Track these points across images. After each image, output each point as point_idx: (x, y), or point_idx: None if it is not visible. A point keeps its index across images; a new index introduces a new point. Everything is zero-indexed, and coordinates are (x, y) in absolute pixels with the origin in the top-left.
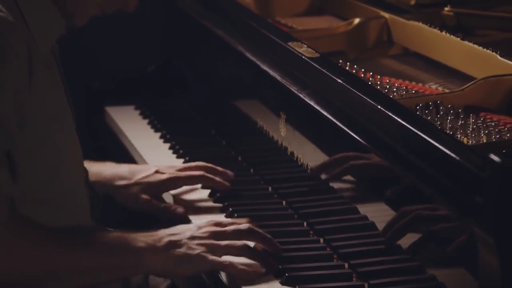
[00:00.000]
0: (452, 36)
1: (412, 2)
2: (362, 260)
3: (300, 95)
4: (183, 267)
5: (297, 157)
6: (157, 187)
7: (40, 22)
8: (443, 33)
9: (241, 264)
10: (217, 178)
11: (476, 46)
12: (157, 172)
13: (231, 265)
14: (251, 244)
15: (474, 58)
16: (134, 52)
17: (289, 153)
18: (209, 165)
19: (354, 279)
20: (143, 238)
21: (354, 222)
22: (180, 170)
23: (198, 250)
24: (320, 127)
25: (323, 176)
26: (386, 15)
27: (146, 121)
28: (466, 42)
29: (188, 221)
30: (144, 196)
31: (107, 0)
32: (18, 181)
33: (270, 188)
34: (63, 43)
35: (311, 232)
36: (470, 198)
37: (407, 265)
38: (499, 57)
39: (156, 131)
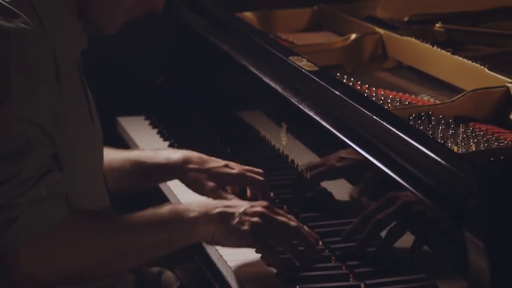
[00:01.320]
0: (443, 50)
1: (405, 19)
2: (358, 261)
3: (300, 106)
4: (231, 240)
5: (297, 165)
6: (225, 180)
7: (63, 36)
8: (435, 48)
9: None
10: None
11: (465, 60)
12: (226, 166)
13: (271, 254)
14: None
15: (464, 72)
16: (144, 65)
17: (289, 161)
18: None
19: (351, 279)
20: (196, 208)
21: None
22: (246, 170)
23: (247, 227)
24: (319, 137)
25: (314, 174)
26: (381, 31)
27: (155, 130)
28: (456, 57)
29: None
30: (211, 184)
31: (136, 4)
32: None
33: (272, 194)
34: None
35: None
36: (460, 204)
37: (400, 266)
38: (487, 70)
39: (164, 140)
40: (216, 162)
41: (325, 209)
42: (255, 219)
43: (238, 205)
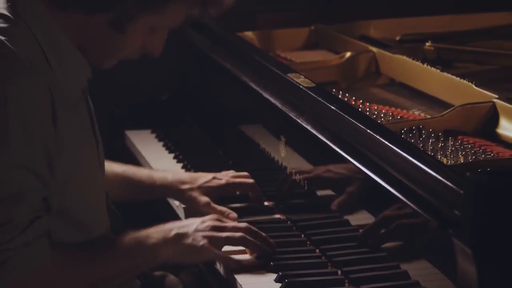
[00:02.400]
0: (432, 68)
1: (397, 38)
2: (353, 267)
3: (298, 120)
4: (191, 256)
5: (295, 176)
6: (216, 191)
7: (67, 69)
8: (425, 65)
9: (235, 256)
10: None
11: (454, 77)
12: (214, 178)
13: (228, 258)
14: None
15: (452, 88)
16: (150, 82)
17: (288, 172)
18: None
19: (346, 284)
20: (154, 234)
21: (346, 234)
22: (233, 176)
23: (202, 241)
24: (316, 149)
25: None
26: (374, 49)
27: (161, 143)
28: (445, 74)
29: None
30: (205, 199)
31: (130, 53)
32: (52, 213)
33: (271, 203)
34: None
35: (308, 242)
36: (449, 212)
37: (393, 272)
38: (474, 86)
39: (170, 152)
40: (205, 177)
41: (321, 219)
42: (208, 233)
43: (190, 224)
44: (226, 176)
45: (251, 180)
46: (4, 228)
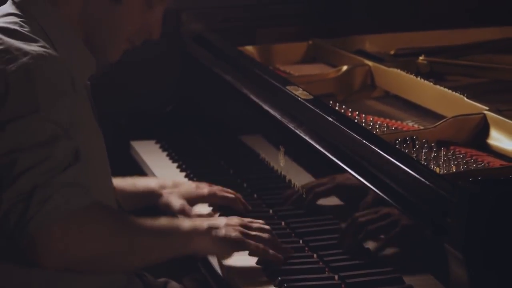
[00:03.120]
0: (425, 81)
1: (392, 52)
2: (349, 272)
3: (297, 131)
4: (223, 247)
5: (294, 184)
6: (195, 198)
7: (74, 61)
8: (418, 78)
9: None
10: (241, 207)
11: (446, 89)
12: (197, 187)
13: (263, 249)
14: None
15: (445, 100)
16: (155, 94)
17: (287, 181)
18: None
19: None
20: (187, 222)
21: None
22: (217, 190)
23: (235, 233)
24: (314, 159)
25: (311, 196)
26: (370, 63)
27: (165, 153)
28: (438, 86)
29: None
30: (180, 201)
31: (135, 32)
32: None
33: (271, 211)
34: (96, 85)
35: (306, 248)
36: (442, 219)
37: (388, 276)
38: (466, 99)
39: (173, 162)
40: (187, 184)
41: (319, 226)
42: (238, 227)
43: (219, 219)
44: (208, 187)
45: (232, 196)
46: (45, 165)
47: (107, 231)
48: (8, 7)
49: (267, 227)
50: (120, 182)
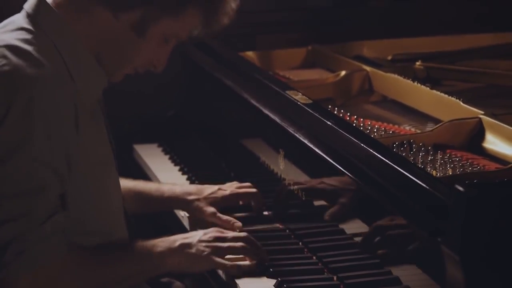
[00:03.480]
0: (422, 86)
1: (389, 58)
2: (348, 273)
3: (296, 135)
4: (195, 265)
5: (293, 187)
6: (221, 202)
7: (86, 78)
8: (415, 83)
9: (236, 263)
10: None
11: (442, 94)
12: (220, 189)
13: (229, 265)
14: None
15: (441, 104)
16: (157, 99)
17: (287, 184)
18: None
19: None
20: (161, 244)
21: (341, 242)
22: (237, 187)
23: (206, 251)
24: (313, 162)
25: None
26: (368, 68)
27: (167, 156)
28: (434, 91)
29: None
30: (211, 209)
31: (140, 64)
32: (69, 214)
33: (271, 213)
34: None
35: (305, 250)
36: (439, 221)
37: (386, 278)
38: (461, 103)
39: (175, 164)
40: (211, 189)
41: (318, 227)
42: (211, 243)
43: (194, 235)
44: (230, 187)
45: (254, 190)
46: (24, 220)
47: (81, 276)
48: (22, 20)
49: (242, 234)
50: (146, 186)
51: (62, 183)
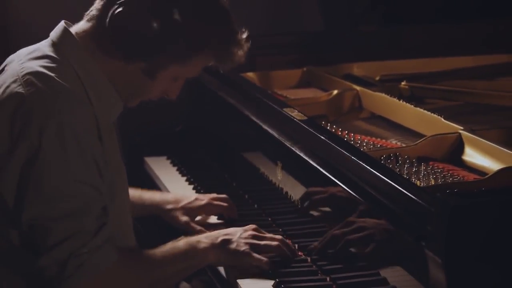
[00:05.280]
0: (407, 104)
1: (377, 78)
2: (339, 274)
3: (293, 148)
4: (235, 260)
5: (290, 196)
6: (196, 211)
7: (103, 104)
8: (401, 101)
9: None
10: (233, 209)
11: (425, 111)
12: (196, 199)
13: (265, 261)
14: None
15: (424, 121)
16: (167, 115)
17: (284, 193)
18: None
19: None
20: (204, 239)
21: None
22: (213, 199)
23: (244, 247)
24: (308, 173)
25: (306, 205)
26: (358, 87)
27: (175, 168)
28: (418, 108)
29: None
30: (185, 218)
31: (153, 96)
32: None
33: (269, 219)
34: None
35: (301, 253)
36: (422, 227)
37: (375, 278)
38: (443, 120)
39: (182, 175)
40: (187, 199)
41: (312, 233)
42: (249, 240)
43: (234, 232)
44: (207, 198)
45: (226, 204)
46: (78, 236)
47: (134, 277)
48: (47, 48)
49: (277, 236)
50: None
51: (102, 195)
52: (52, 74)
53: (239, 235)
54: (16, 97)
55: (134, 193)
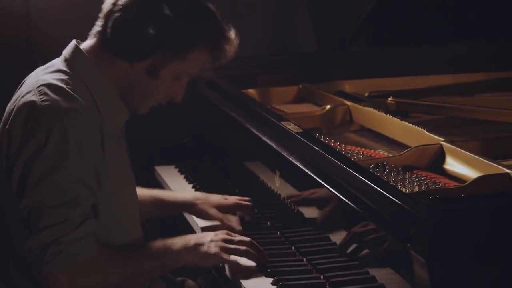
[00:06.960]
0: (393, 117)
1: (366, 94)
2: (332, 273)
3: (290, 158)
4: (206, 261)
5: (287, 201)
6: (223, 208)
7: (111, 112)
8: (387, 115)
9: (239, 261)
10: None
11: (410, 124)
12: (224, 198)
13: (233, 262)
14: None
15: (409, 133)
16: (175, 128)
17: (282, 198)
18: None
19: (327, 286)
20: (178, 241)
21: (327, 247)
22: (238, 199)
23: (215, 249)
24: (303, 181)
25: (298, 204)
26: (348, 103)
27: (183, 176)
28: (403, 122)
29: None
30: (213, 210)
31: (160, 98)
32: (99, 221)
33: (268, 223)
34: (127, 121)
35: (297, 253)
36: (407, 230)
37: (365, 277)
38: (426, 132)
39: (189, 183)
40: (216, 196)
41: (308, 235)
42: (219, 243)
43: (206, 235)
44: (233, 199)
45: (250, 203)
46: (63, 225)
47: (110, 271)
48: (60, 64)
49: (246, 239)
50: (161, 192)
51: (93, 195)
52: (64, 86)
53: (210, 238)
54: (30, 104)
55: (165, 192)
